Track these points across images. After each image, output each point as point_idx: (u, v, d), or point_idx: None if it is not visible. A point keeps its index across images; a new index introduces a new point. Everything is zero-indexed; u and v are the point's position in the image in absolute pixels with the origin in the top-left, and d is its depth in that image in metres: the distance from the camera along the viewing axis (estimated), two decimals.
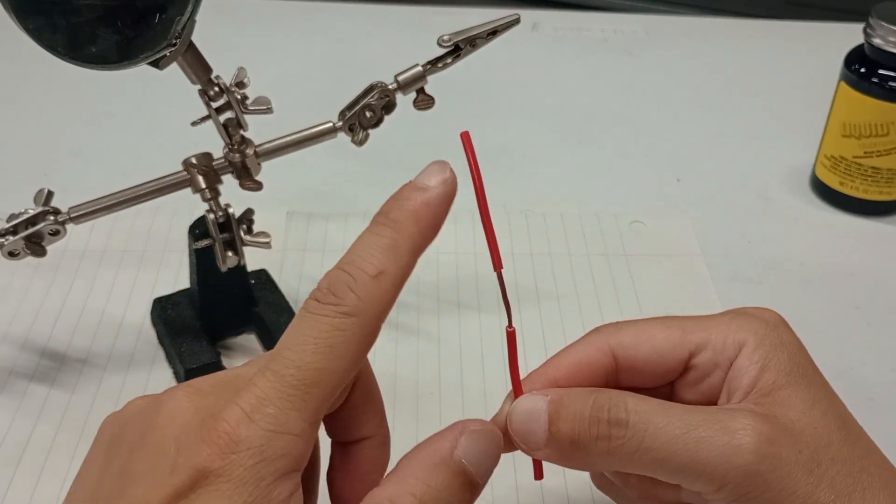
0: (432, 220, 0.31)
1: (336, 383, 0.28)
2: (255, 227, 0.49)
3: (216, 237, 0.47)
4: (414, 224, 0.30)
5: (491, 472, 0.31)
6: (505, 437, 0.34)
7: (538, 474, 0.36)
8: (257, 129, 0.47)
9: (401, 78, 0.45)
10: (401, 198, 0.31)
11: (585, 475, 0.45)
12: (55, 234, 0.46)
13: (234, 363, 0.52)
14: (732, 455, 0.30)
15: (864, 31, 0.61)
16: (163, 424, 0.28)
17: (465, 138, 0.32)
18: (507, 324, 0.34)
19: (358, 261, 0.29)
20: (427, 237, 0.31)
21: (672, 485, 0.34)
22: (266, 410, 0.27)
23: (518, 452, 0.35)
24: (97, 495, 0.28)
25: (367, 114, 0.46)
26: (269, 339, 0.52)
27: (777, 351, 0.33)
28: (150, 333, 0.53)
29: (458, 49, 0.45)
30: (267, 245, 0.48)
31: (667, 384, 0.36)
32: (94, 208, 0.47)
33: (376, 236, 0.30)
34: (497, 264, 0.33)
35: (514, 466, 0.46)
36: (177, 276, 0.57)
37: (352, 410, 0.32)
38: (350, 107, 0.46)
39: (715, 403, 0.34)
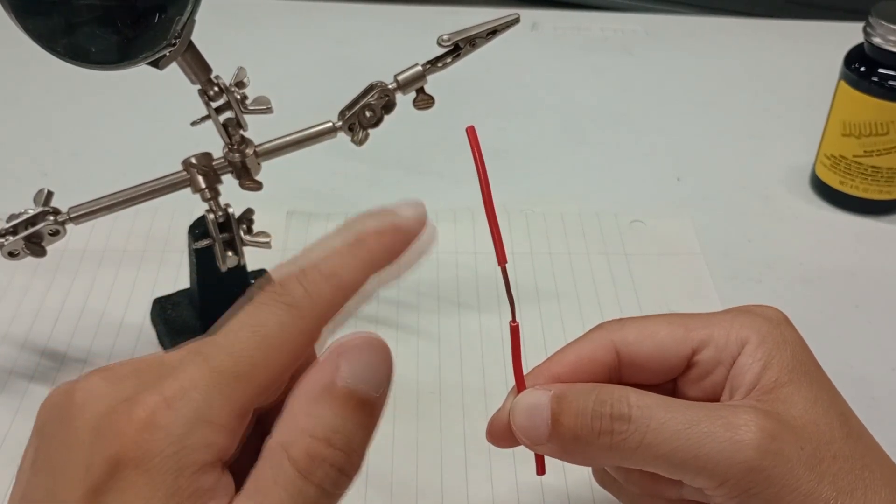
0: (393, 245, 0.29)
1: (269, 377, 0.27)
2: (255, 227, 0.49)
3: (216, 237, 0.47)
4: (376, 241, 0.29)
5: (385, 382, 0.28)
6: (508, 433, 0.34)
7: (540, 470, 0.36)
8: (257, 129, 0.47)
9: (400, 77, 0.45)
10: (372, 216, 0.30)
11: (586, 474, 0.45)
12: (55, 234, 0.46)
13: None
14: (735, 451, 0.30)
15: (864, 30, 0.61)
16: (76, 413, 0.27)
17: (471, 133, 0.32)
18: (509, 320, 0.34)
19: (314, 259, 0.28)
20: (385, 258, 0.29)
21: (674, 481, 0.34)
22: (190, 395, 0.25)
23: (518, 449, 0.35)
24: (28, 495, 0.27)
25: (367, 113, 0.46)
26: None
27: (780, 348, 0.33)
28: (150, 333, 0.53)
29: (457, 49, 0.45)
30: (267, 245, 0.48)
31: (669, 381, 0.36)
32: (94, 208, 0.47)
33: (339, 239, 0.29)
34: (501, 258, 0.33)
35: (514, 465, 0.46)
36: (177, 276, 0.57)
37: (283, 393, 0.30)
38: (350, 106, 0.46)
39: (717, 400, 0.34)
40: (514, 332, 0.34)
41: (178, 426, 0.25)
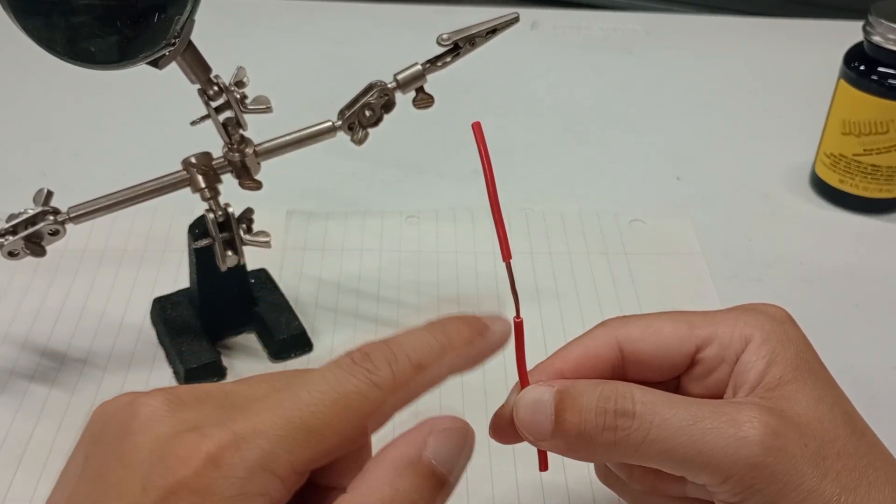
0: (478, 356, 0.32)
1: (338, 443, 0.27)
2: (255, 227, 0.49)
3: (216, 237, 0.47)
4: (464, 346, 0.31)
5: (463, 469, 0.30)
6: (510, 428, 0.34)
7: (543, 466, 0.36)
8: (257, 129, 0.47)
9: (400, 77, 0.45)
10: (463, 319, 0.32)
11: (586, 472, 0.45)
12: (55, 233, 0.46)
13: (234, 363, 0.52)
14: (738, 447, 0.30)
15: (864, 28, 0.61)
16: (137, 430, 0.27)
17: (477, 129, 0.32)
18: (513, 316, 0.34)
19: (405, 345, 0.29)
20: (466, 365, 0.31)
21: (677, 478, 0.34)
22: (258, 441, 0.26)
23: (518, 448, 0.35)
24: (74, 499, 0.27)
25: (367, 113, 0.46)
26: (268, 339, 0.52)
27: (783, 346, 0.33)
28: (150, 333, 0.53)
29: (457, 48, 0.45)
30: (267, 244, 0.48)
31: (673, 378, 0.36)
32: (94, 208, 0.47)
33: (429, 336, 0.30)
34: (506, 255, 0.33)
35: (514, 464, 0.46)
36: (177, 276, 0.57)
37: (338, 459, 0.31)
38: (349, 106, 0.46)
39: (721, 398, 0.34)
40: (518, 327, 0.34)
41: (243, 469, 0.25)
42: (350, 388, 0.28)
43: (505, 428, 0.34)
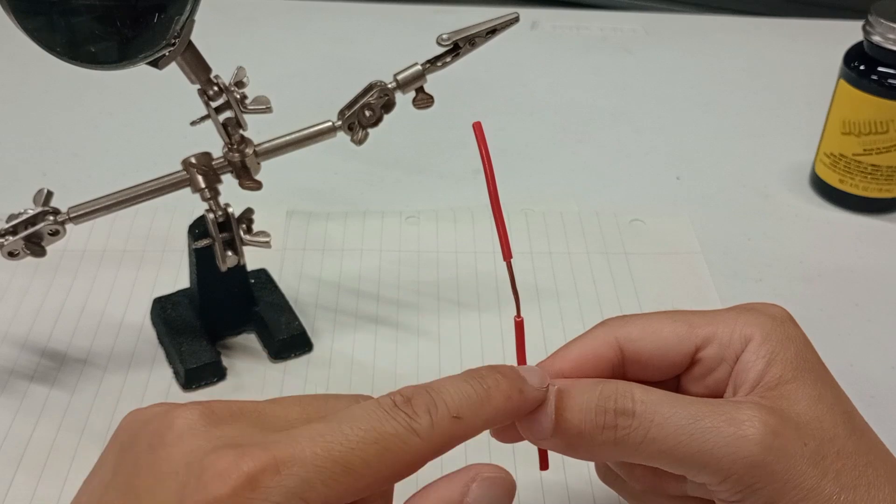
0: (517, 410, 0.31)
1: (371, 484, 0.27)
2: (255, 227, 0.49)
3: (216, 237, 0.47)
4: (504, 402, 0.31)
5: None
6: (511, 427, 0.34)
7: (544, 465, 0.36)
8: (257, 129, 0.47)
9: (400, 77, 0.45)
10: (507, 374, 0.31)
11: (586, 471, 0.45)
12: (55, 234, 0.46)
13: (234, 363, 0.52)
14: (738, 446, 0.30)
15: (864, 28, 0.61)
16: (172, 442, 0.27)
17: (478, 129, 0.32)
18: (513, 316, 0.34)
19: (445, 394, 0.30)
20: (504, 419, 0.31)
21: (677, 477, 0.34)
22: (297, 469, 0.26)
23: (518, 447, 0.35)
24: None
25: (367, 113, 0.46)
26: (268, 339, 0.52)
27: (783, 346, 0.33)
28: (150, 333, 0.54)
29: (457, 48, 0.45)
30: (267, 244, 0.48)
31: (673, 378, 0.36)
32: (94, 208, 0.47)
33: (469, 387, 0.30)
34: (507, 254, 0.33)
35: (514, 463, 0.46)
36: (177, 276, 0.57)
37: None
38: (349, 106, 0.46)
39: (721, 397, 0.34)
40: (519, 326, 0.34)
41: (279, 495, 0.25)
42: (390, 430, 0.28)
43: (505, 427, 0.34)
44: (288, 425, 0.28)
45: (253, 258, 0.52)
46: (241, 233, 0.48)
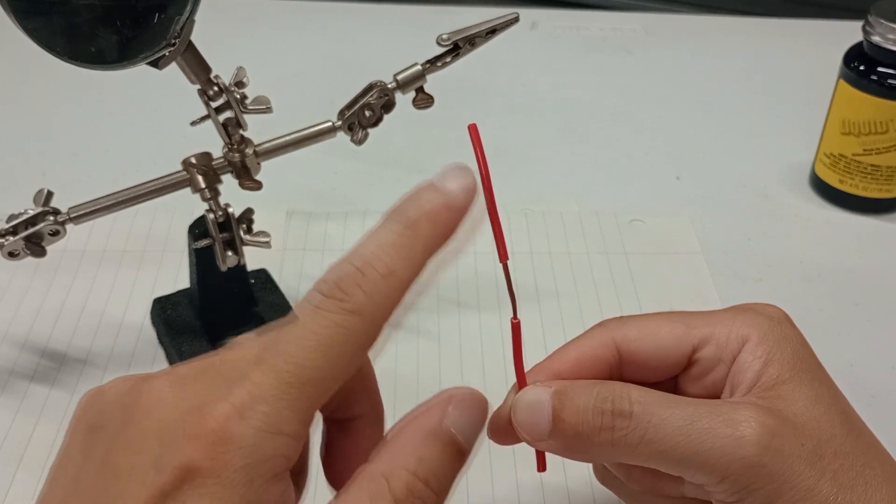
0: (448, 225, 0.29)
1: (334, 384, 0.27)
2: (255, 227, 0.49)
3: (216, 237, 0.47)
4: (430, 226, 0.29)
5: (477, 437, 0.30)
6: (509, 429, 0.34)
7: (541, 466, 0.36)
8: (257, 129, 0.47)
9: (400, 77, 0.45)
10: (419, 198, 0.29)
11: (586, 472, 0.45)
12: (55, 234, 0.46)
13: None
14: (735, 447, 0.30)
15: (863, 28, 0.61)
16: (142, 415, 0.27)
17: (473, 130, 0.32)
18: (510, 317, 0.34)
19: (369, 256, 0.28)
20: (440, 242, 0.29)
21: (674, 478, 0.34)
22: (258, 408, 0.26)
23: (518, 448, 0.35)
24: (78, 488, 0.27)
25: (367, 113, 0.46)
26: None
27: (781, 346, 0.33)
28: (150, 333, 0.54)
29: (457, 48, 0.45)
30: (267, 245, 0.48)
31: (670, 379, 0.36)
32: (94, 208, 0.47)
33: (390, 233, 0.28)
34: (503, 255, 0.33)
35: (514, 463, 0.46)
36: (177, 276, 0.57)
37: (345, 390, 0.31)
38: (349, 106, 0.46)
39: (718, 398, 0.34)
40: (516, 328, 0.34)
41: (250, 437, 0.25)
42: (328, 325, 0.27)
43: (503, 429, 0.34)
44: (248, 365, 0.27)
45: (253, 258, 0.52)
46: (241, 233, 0.48)
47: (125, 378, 0.29)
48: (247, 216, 0.49)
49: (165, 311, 0.53)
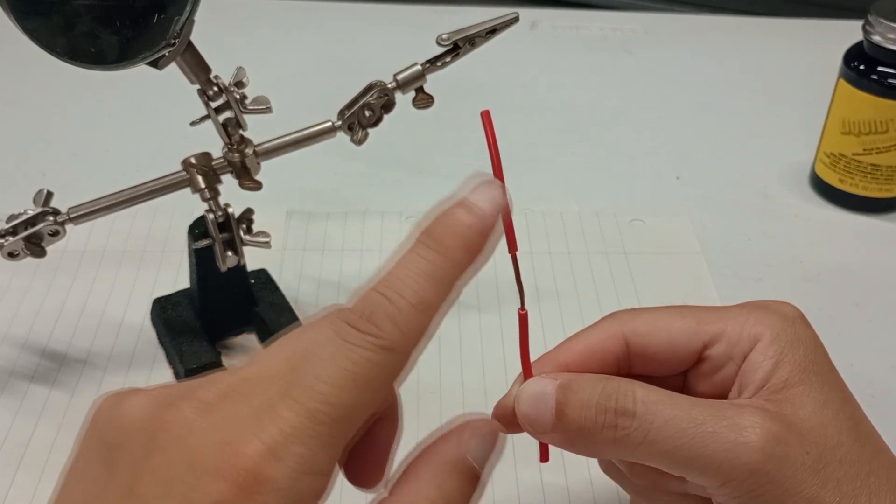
0: (479, 247, 0.28)
1: (365, 414, 0.27)
2: (255, 227, 0.49)
3: (216, 237, 0.47)
4: (461, 251, 0.28)
5: (491, 465, 0.30)
6: (512, 418, 0.34)
7: (544, 457, 0.36)
8: (256, 129, 0.47)
9: (400, 77, 0.45)
10: (449, 219, 0.28)
11: (586, 472, 0.45)
12: (55, 234, 0.46)
13: (234, 363, 0.52)
14: (739, 452, 0.30)
15: (864, 28, 0.61)
16: (168, 445, 0.26)
17: (486, 117, 0.31)
18: (518, 309, 0.34)
19: (399, 285, 0.27)
20: (467, 262, 0.28)
21: (677, 475, 0.34)
22: (293, 449, 0.25)
23: (519, 448, 0.35)
24: None
25: (367, 113, 0.46)
26: (268, 339, 0.52)
27: (793, 347, 0.33)
28: (150, 333, 0.53)
29: (456, 48, 0.45)
30: (267, 245, 0.48)
31: (679, 374, 0.36)
32: (94, 208, 0.47)
33: (420, 259, 0.27)
34: (512, 246, 0.32)
35: (514, 463, 0.46)
36: (177, 276, 0.57)
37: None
38: (349, 106, 0.46)
39: (726, 396, 0.34)
40: (523, 319, 0.34)
41: (286, 479, 0.25)
42: (360, 361, 0.26)
43: (506, 418, 0.34)
44: (272, 387, 0.26)
45: (253, 258, 0.52)
46: (241, 233, 0.48)
47: (143, 394, 0.28)
48: (247, 216, 0.49)
49: (165, 312, 0.53)
